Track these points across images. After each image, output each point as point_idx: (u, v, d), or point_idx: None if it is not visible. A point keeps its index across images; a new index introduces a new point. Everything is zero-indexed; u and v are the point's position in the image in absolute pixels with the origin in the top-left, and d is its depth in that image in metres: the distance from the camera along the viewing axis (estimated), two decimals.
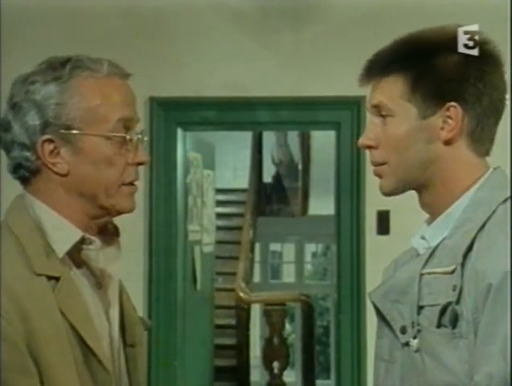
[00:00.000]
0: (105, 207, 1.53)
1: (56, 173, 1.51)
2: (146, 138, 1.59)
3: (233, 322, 7.87)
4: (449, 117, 1.48)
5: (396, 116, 1.50)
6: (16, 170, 1.53)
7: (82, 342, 1.45)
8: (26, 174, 1.53)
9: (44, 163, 1.50)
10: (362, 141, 1.55)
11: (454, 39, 1.48)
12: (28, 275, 1.43)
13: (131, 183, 1.55)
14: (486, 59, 1.49)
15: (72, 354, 1.43)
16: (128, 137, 1.53)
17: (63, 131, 1.49)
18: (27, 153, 1.50)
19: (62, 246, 1.49)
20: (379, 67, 1.52)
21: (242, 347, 7.54)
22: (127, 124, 1.53)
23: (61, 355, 1.41)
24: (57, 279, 1.46)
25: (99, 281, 1.57)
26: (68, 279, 1.48)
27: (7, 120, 1.52)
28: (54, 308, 1.43)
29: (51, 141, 1.49)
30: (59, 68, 1.51)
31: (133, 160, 1.54)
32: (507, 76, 1.53)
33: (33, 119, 1.49)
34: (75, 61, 1.51)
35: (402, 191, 1.55)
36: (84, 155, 1.50)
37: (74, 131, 1.49)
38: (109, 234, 1.60)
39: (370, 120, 1.55)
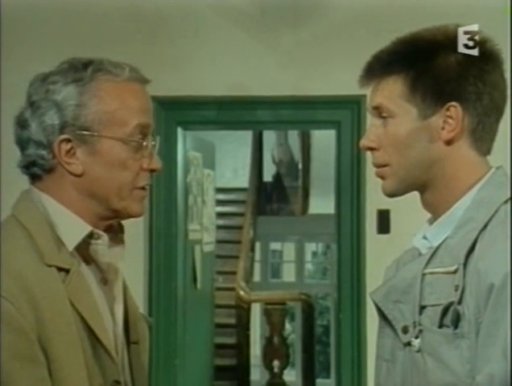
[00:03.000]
0: (116, 209, 1.54)
1: (71, 173, 1.52)
2: (158, 140, 1.60)
3: (233, 321, 7.87)
4: (450, 117, 1.48)
5: (396, 117, 1.50)
6: (29, 166, 1.54)
7: (91, 333, 1.47)
8: (39, 171, 1.54)
9: (59, 162, 1.51)
10: (363, 142, 1.55)
11: (453, 39, 1.48)
12: (39, 266, 1.44)
13: (143, 188, 1.56)
14: (486, 58, 1.48)
15: (81, 344, 1.44)
16: (144, 143, 1.54)
17: (81, 132, 1.50)
18: (43, 152, 1.51)
19: (72, 239, 1.51)
20: (378, 68, 1.52)
21: (242, 346, 7.54)
22: (144, 130, 1.54)
23: (70, 346, 1.42)
24: (67, 271, 1.47)
25: (105, 277, 1.58)
26: (78, 271, 1.49)
27: (25, 117, 1.53)
28: (64, 298, 1.44)
29: (68, 141, 1.50)
30: (80, 70, 1.52)
31: (148, 166, 1.56)
32: (507, 76, 1.53)
33: (52, 119, 1.50)
34: (96, 64, 1.53)
35: (405, 192, 1.54)
36: (100, 157, 1.51)
37: (92, 133, 1.50)
38: (114, 231, 1.61)
39: (371, 121, 1.55)
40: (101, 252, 1.55)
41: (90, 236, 1.53)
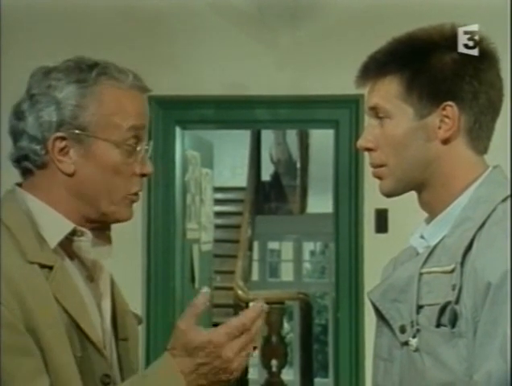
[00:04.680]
0: (104, 213, 1.54)
1: (62, 171, 1.51)
2: (151, 144, 1.60)
3: None
4: (446, 116, 1.48)
5: (393, 117, 1.50)
6: (20, 160, 1.53)
7: (78, 329, 1.46)
8: (30, 166, 1.53)
9: (52, 159, 1.51)
10: (361, 143, 1.55)
11: (449, 38, 1.49)
12: (22, 263, 1.44)
13: (135, 193, 1.56)
14: (482, 57, 1.48)
15: (69, 340, 1.44)
16: (138, 148, 1.54)
17: (77, 132, 1.49)
18: (37, 147, 1.51)
19: (54, 237, 1.50)
20: (374, 68, 1.52)
21: None
22: (138, 133, 1.54)
23: (58, 339, 1.42)
24: (50, 268, 1.47)
25: (91, 274, 1.58)
26: (61, 268, 1.49)
27: (22, 109, 1.52)
28: (49, 295, 1.44)
29: (63, 139, 1.50)
30: (85, 71, 1.51)
31: (140, 171, 1.56)
32: (507, 76, 1.53)
33: (50, 115, 1.50)
34: (102, 67, 1.52)
35: (402, 192, 1.55)
36: (93, 159, 1.51)
37: (87, 133, 1.50)
38: (100, 228, 1.60)
39: (369, 122, 1.56)
40: (85, 248, 1.55)
41: (73, 233, 1.53)
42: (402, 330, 1.46)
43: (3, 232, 1.47)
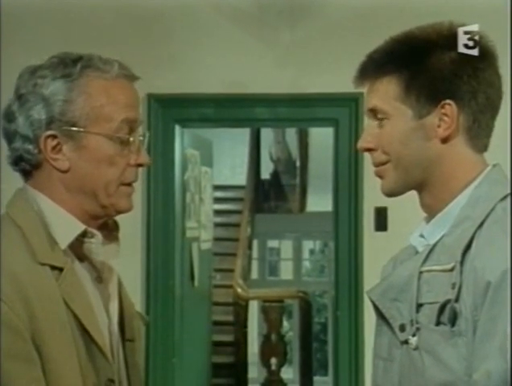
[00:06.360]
0: (105, 205, 1.54)
1: (57, 169, 1.51)
2: (147, 135, 1.60)
3: (230, 318, 7.87)
4: (445, 115, 1.48)
5: (392, 118, 1.50)
6: (17, 162, 1.54)
7: (84, 332, 1.46)
8: (27, 167, 1.53)
9: (46, 158, 1.51)
10: (361, 144, 1.55)
11: (447, 37, 1.48)
12: (32, 264, 1.44)
13: (129, 184, 1.56)
14: (480, 55, 1.48)
15: (74, 343, 1.44)
16: (131, 139, 1.53)
17: (67, 128, 1.49)
18: (29, 146, 1.51)
19: (65, 238, 1.50)
20: (372, 68, 1.52)
21: (240, 344, 7.54)
22: (131, 125, 1.54)
23: (63, 344, 1.42)
24: (60, 270, 1.47)
25: (99, 276, 1.58)
26: (71, 270, 1.49)
27: (12, 110, 1.52)
28: (57, 297, 1.44)
29: (54, 137, 1.50)
30: (70, 65, 1.51)
31: (135, 161, 1.55)
32: (507, 76, 1.52)
33: (39, 113, 1.50)
34: (86, 60, 1.52)
35: (403, 192, 1.55)
36: (87, 153, 1.51)
37: (78, 128, 1.50)
38: (109, 229, 1.61)
39: (367, 123, 1.56)
40: (95, 250, 1.55)
41: (84, 234, 1.53)
42: (402, 328, 1.46)
43: (15, 232, 1.48)
